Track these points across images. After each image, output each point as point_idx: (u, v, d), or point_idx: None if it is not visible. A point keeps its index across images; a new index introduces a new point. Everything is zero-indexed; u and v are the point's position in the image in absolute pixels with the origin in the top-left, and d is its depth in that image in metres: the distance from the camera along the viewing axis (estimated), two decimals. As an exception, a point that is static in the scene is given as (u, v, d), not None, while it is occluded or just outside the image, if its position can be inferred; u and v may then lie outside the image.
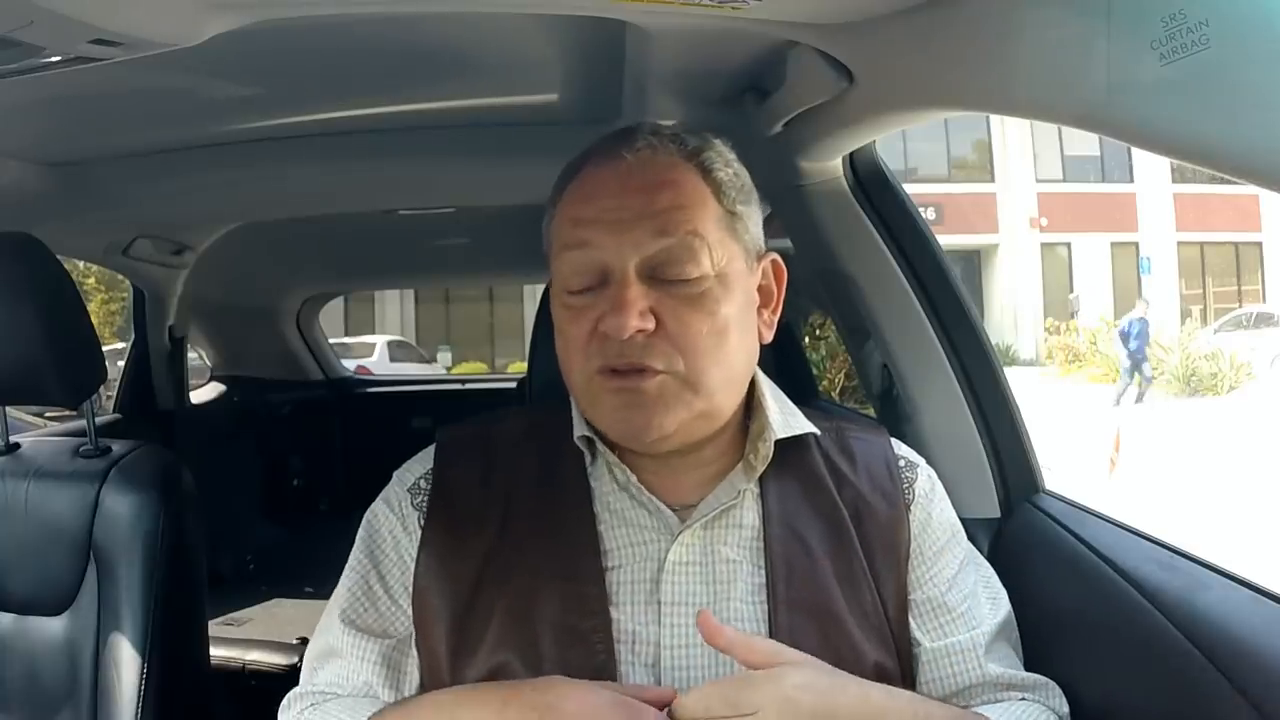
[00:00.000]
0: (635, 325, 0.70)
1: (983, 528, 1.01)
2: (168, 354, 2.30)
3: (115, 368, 1.94)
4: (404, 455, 0.87)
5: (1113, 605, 0.80)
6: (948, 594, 0.80)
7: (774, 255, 0.81)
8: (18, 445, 1.17)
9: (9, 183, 1.38)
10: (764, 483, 0.79)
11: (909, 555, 0.80)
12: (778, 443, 0.78)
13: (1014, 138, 16.76)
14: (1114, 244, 16.93)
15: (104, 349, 1.19)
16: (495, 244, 2.29)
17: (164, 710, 1.07)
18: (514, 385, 3.02)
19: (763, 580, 0.75)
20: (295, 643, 1.82)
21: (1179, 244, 16.45)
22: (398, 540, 0.80)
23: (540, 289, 1.00)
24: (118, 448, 1.16)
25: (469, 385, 3.85)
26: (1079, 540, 0.89)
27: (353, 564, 0.82)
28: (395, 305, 15.99)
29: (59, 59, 0.76)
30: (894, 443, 0.88)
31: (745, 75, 1.07)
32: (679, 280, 0.72)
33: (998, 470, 1.06)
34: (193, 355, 2.75)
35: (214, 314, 2.70)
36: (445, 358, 14.82)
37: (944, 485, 0.86)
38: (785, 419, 0.81)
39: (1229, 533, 2.99)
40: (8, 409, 1.16)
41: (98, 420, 1.17)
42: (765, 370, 0.85)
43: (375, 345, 11.49)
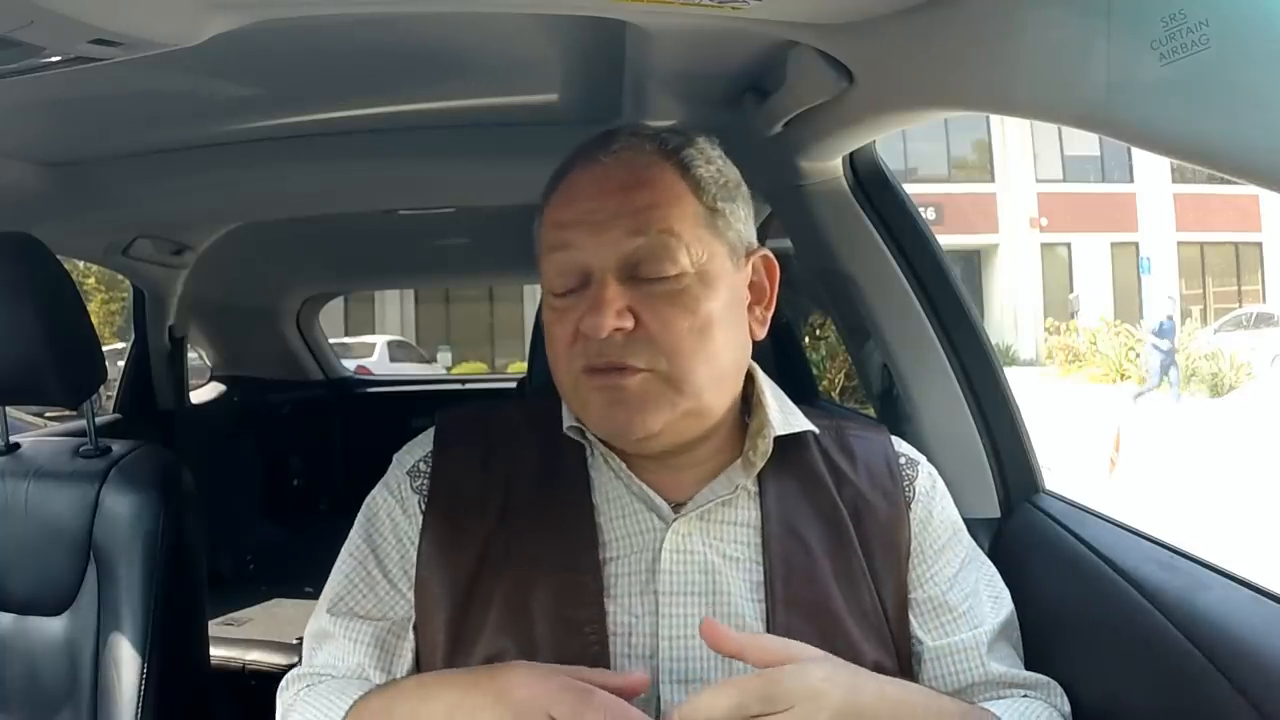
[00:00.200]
0: (612, 324, 0.70)
1: (983, 528, 1.01)
2: (168, 354, 2.29)
3: (115, 368, 1.94)
4: None
5: (1113, 605, 0.80)
6: (949, 593, 0.80)
7: (765, 251, 0.80)
8: (18, 445, 1.17)
9: (9, 183, 1.38)
10: (763, 481, 0.79)
11: (909, 554, 0.80)
12: (777, 441, 0.78)
13: (1014, 138, 16.76)
14: (1114, 244, 16.93)
15: (104, 349, 1.19)
16: (495, 244, 2.29)
17: (164, 710, 1.07)
18: (514, 385, 3.02)
19: (761, 578, 0.76)
20: (295, 643, 1.82)
21: (1179, 244, 16.44)
22: (397, 523, 0.80)
23: (540, 289, 1.00)
24: (118, 448, 1.16)
25: (469, 385, 3.85)
26: (1079, 540, 0.89)
27: (350, 548, 0.82)
28: (395, 305, 15.99)
29: (59, 59, 0.76)
30: (895, 440, 0.88)
31: (745, 75, 1.07)
32: (657, 278, 0.72)
33: (998, 470, 1.06)
34: (193, 355, 2.74)
35: (214, 314, 2.69)
36: (445, 358, 14.83)
37: (944, 485, 0.86)
38: (785, 417, 0.81)
39: (1230, 532, 2.99)
40: (8, 409, 1.16)
41: (98, 420, 1.18)
42: (765, 370, 0.85)
43: (375, 345, 11.49)
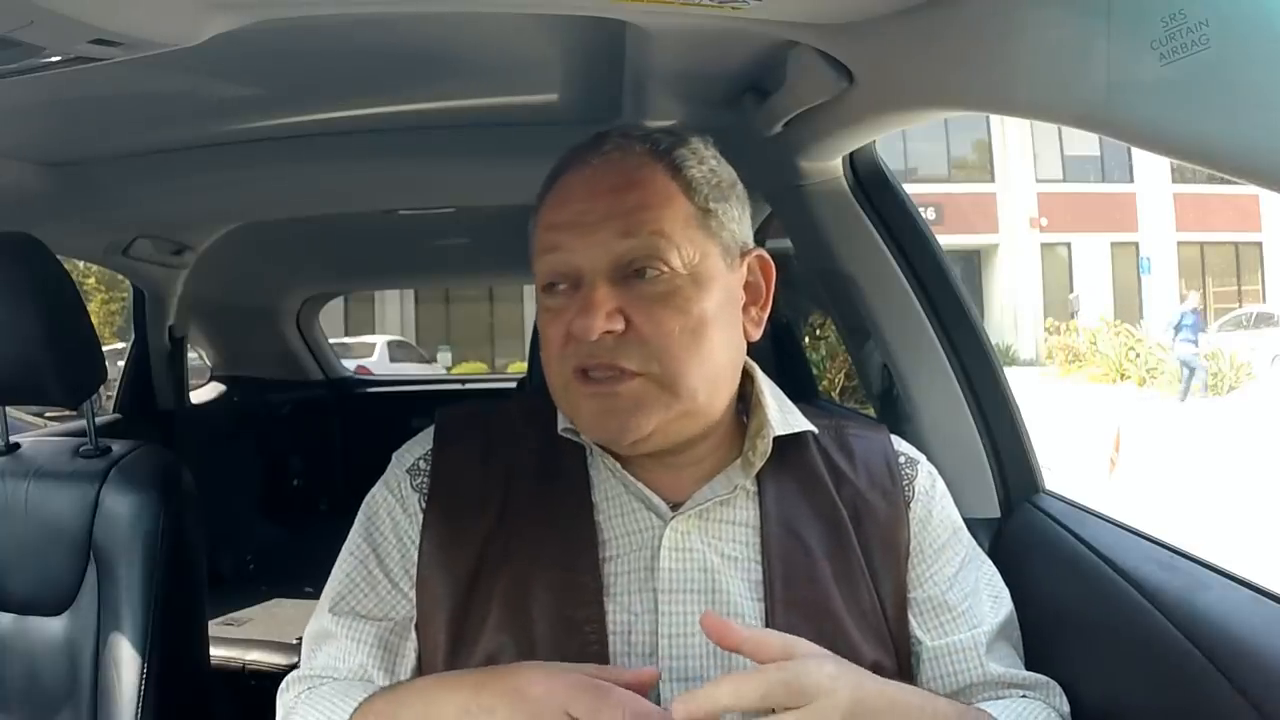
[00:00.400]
0: (601, 326, 0.70)
1: (983, 528, 1.01)
2: (168, 354, 2.29)
3: (115, 368, 1.94)
4: None
5: (1113, 605, 0.80)
6: (948, 593, 0.80)
7: (760, 252, 0.80)
8: (18, 445, 1.17)
9: (9, 183, 1.38)
10: (762, 481, 0.79)
11: (909, 553, 0.80)
12: (776, 441, 0.78)
13: (1014, 138, 16.76)
14: (1114, 244, 16.93)
15: (104, 349, 1.19)
16: (495, 244, 2.29)
17: (164, 710, 1.07)
18: (514, 385, 3.02)
19: (760, 578, 0.75)
20: (295, 643, 1.82)
21: (1179, 244, 16.45)
22: (397, 522, 0.80)
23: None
24: (118, 448, 1.16)
25: (469, 385, 3.85)
26: (1079, 540, 0.89)
27: (350, 548, 0.82)
28: (395, 305, 15.99)
29: (59, 59, 0.76)
30: (894, 440, 0.87)
31: (745, 75, 1.07)
32: (648, 280, 0.72)
33: (998, 470, 1.06)
34: (193, 355, 2.74)
35: (214, 314, 2.69)
36: (445, 358, 14.83)
37: (944, 485, 0.86)
38: (784, 416, 0.81)
39: (1230, 532, 2.99)
40: (8, 409, 1.16)
41: (98, 420, 1.18)
42: (765, 370, 0.85)
43: (375, 345, 11.49)
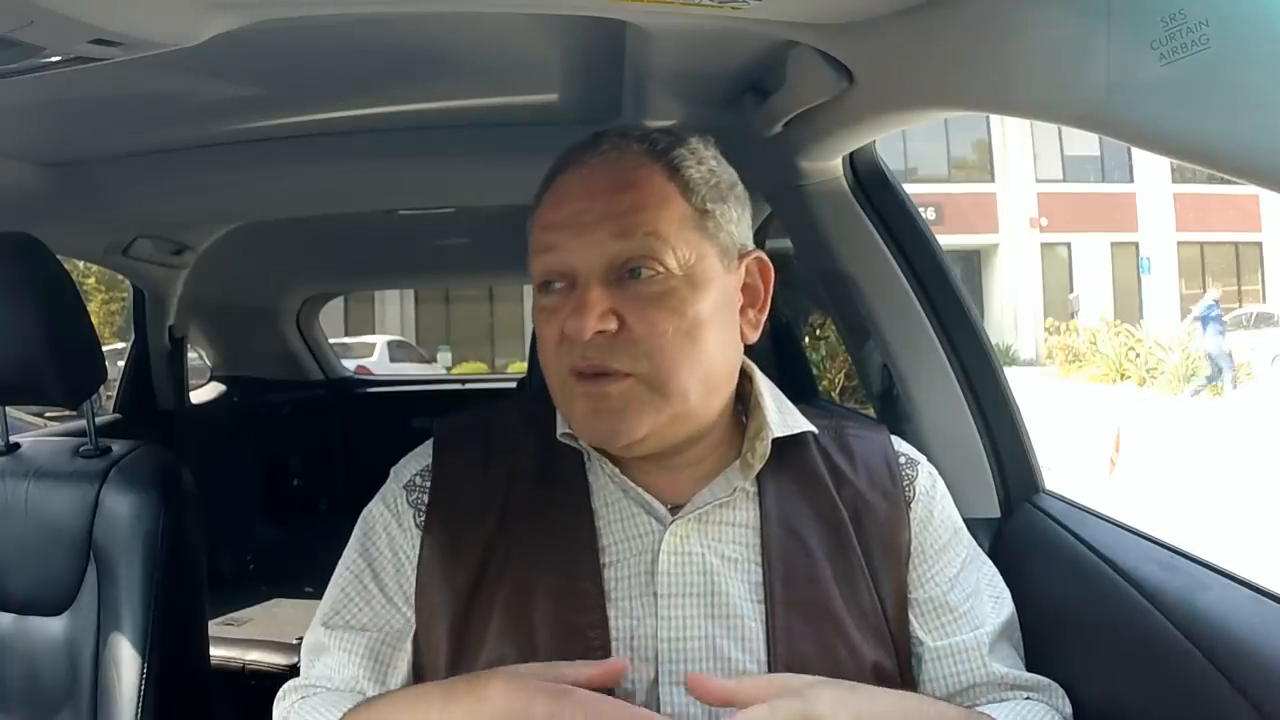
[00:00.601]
0: (594, 327, 0.70)
1: (983, 528, 1.01)
2: (168, 354, 2.29)
3: (115, 368, 1.94)
4: (404, 455, 0.87)
5: (1113, 605, 0.80)
6: (949, 593, 0.80)
7: (759, 253, 0.80)
8: (18, 445, 1.17)
9: (9, 183, 1.38)
10: (762, 482, 0.79)
11: (910, 554, 0.80)
12: (776, 441, 0.78)
13: (1014, 138, 16.76)
14: (1114, 244, 16.93)
15: (104, 349, 1.19)
16: (495, 244, 2.29)
17: (164, 710, 1.07)
18: (514, 385, 3.02)
19: (760, 579, 0.75)
20: (295, 643, 1.82)
21: (1179, 244, 16.44)
22: (393, 537, 0.80)
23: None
24: (118, 448, 1.16)
25: (469, 385, 3.85)
26: (1079, 540, 0.89)
27: (346, 562, 0.82)
28: (395, 305, 15.99)
29: (59, 59, 0.76)
30: (894, 440, 0.87)
31: (745, 75, 1.07)
32: (642, 280, 0.72)
33: (998, 470, 1.06)
34: (193, 355, 2.74)
35: (214, 314, 2.69)
36: (445, 358, 14.83)
37: (944, 485, 0.86)
38: (783, 418, 0.80)
39: (1230, 531, 2.99)
40: (8, 409, 1.16)
41: (98, 420, 1.18)
42: (765, 370, 0.85)
43: (375, 345, 11.49)
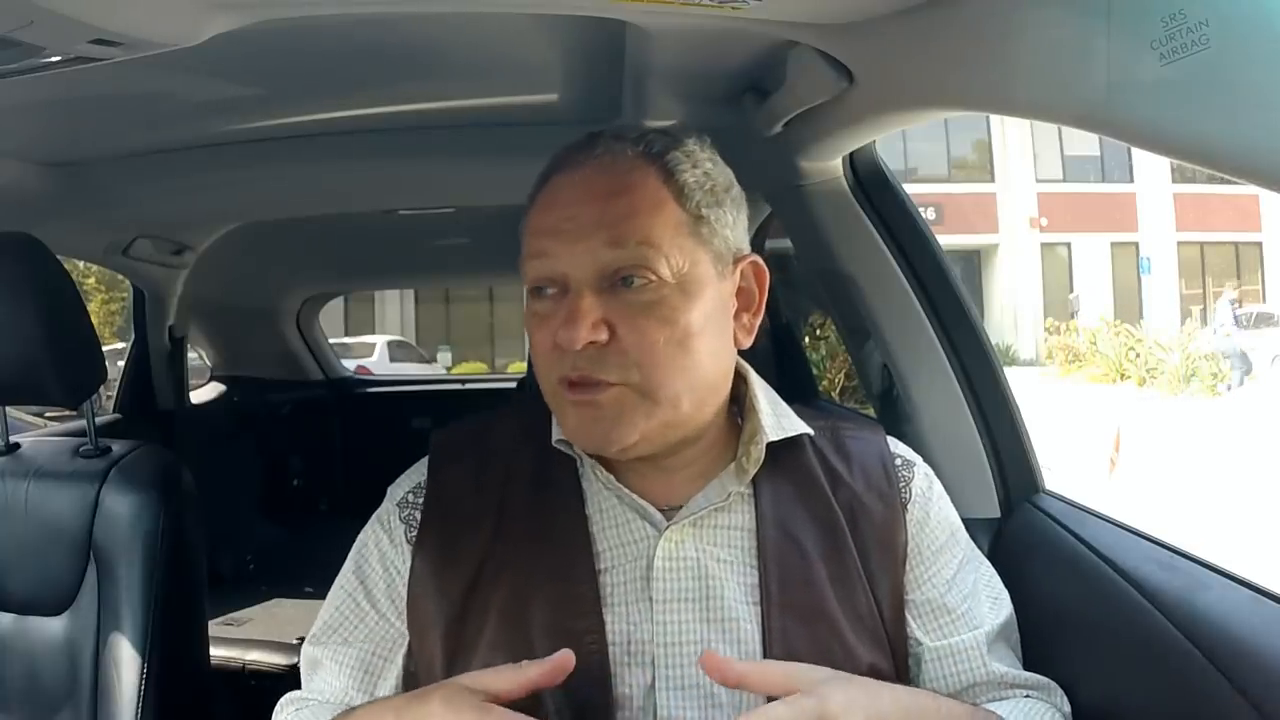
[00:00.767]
0: (585, 337, 0.69)
1: (983, 528, 1.01)
2: (168, 354, 2.29)
3: (115, 368, 1.94)
4: (404, 455, 0.87)
5: (1113, 605, 0.80)
6: (947, 595, 0.80)
7: (754, 257, 0.79)
8: (18, 445, 1.17)
9: (9, 183, 1.38)
10: (757, 485, 0.78)
11: (906, 556, 0.80)
12: (771, 444, 0.78)
13: (1014, 138, 16.76)
14: (1114, 244, 16.93)
15: (104, 349, 1.19)
16: (495, 244, 2.28)
17: (164, 710, 1.07)
18: (514, 385, 3.02)
19: (755, 582, 0.75)
20: (295, 643, 1.82)
21: (1179, 244, 16.45)
22: (384, 553, 0.80)
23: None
24: (118, 448, 1.16)
25: (469, 385, 3.85)
26: (1079, 540, 0.89)
27: (341, 580, 0.83)
28: (395, 305, 15.99)
29: (59, 59, 0.76)
30: (891, 441, 0.87)
31: (745, 75, 1.07)
32: (634, 289, 0.71)
33: (998, 470, 1.06)
34: (193, 355, 2.74)
35: (214, 314, 2.69)
36: (445, 358, 14.83)
37: (944, 485, 0.86)
38: (778, 420, 0.80)
39: (1230, 531, 2.99)
40: (8, 409, 1.16)
41: (98, 420, 1.18)
42: (765, 371, 0.85)
43: (375, 345, 11.49)
